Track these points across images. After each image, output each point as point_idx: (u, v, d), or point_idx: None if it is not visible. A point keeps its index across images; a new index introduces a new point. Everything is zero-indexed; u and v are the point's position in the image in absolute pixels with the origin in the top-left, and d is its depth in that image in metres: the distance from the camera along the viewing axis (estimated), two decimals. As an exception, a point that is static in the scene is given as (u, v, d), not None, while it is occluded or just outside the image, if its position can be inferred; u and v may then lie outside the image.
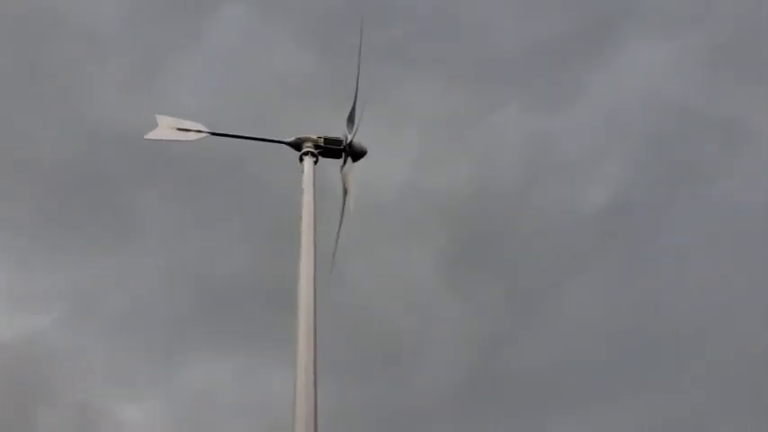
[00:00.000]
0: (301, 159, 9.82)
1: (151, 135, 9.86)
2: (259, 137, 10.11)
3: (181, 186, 25.48)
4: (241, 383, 24.37)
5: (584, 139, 24.88)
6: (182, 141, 9.91)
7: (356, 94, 10.37)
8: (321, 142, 10.03)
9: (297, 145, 10.00)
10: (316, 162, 9.81)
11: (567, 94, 25.80)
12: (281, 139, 10.07)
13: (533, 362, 20.93)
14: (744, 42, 25.28)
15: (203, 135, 10.04)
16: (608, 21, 26.81)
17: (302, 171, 9.60)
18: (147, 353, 24.91)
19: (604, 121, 25.65)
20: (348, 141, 10.20)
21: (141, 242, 26.53)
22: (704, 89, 25.69)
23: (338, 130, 10.41)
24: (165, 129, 9.92)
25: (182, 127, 10.01)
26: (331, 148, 10.13)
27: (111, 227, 26.43)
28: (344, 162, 10.30)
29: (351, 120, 10.37)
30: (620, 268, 23.13)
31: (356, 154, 10.25)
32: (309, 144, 9.95)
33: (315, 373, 6.96)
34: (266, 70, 25.13)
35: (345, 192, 10.19)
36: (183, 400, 24.61)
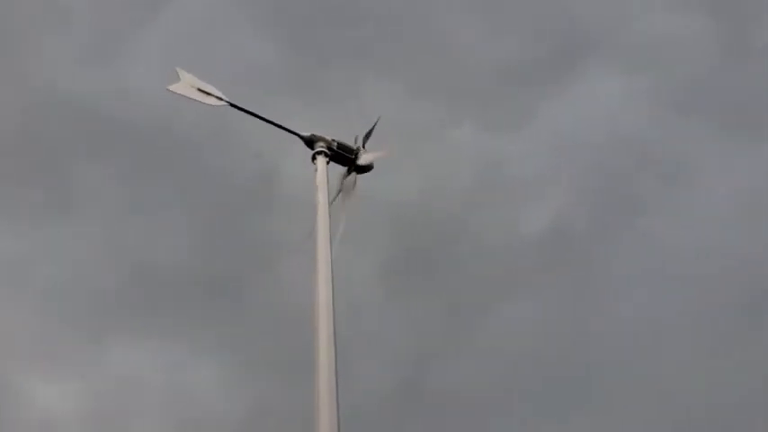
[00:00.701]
0: (314, 158, 9.62)
1: (173, 88, 9.62)
2: (276, 121, 9.83)
3: (130, 165, 24.67)
4: (167, 373, 23.48)
5: (533, 163, 25.69)
6: (201, 103, 9.57)
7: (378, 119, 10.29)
8: (334, 146, 9.95)
9: (310, 141, 9.81)
10: (328, 162, 9.64)
11: (523, 118, 26.67)
12: (296, 131, 9.86)
13: (463, 379, 21.04)
14: (696, 88, 26.94)
15: (222, 104, 9.74)
16: (571, 51, 27.96)
17: (315, 170, 9.44)
18: (73, 332, 23.64)
19: (554, 148, 26.76)
20: (359, 152, 10.08)
21: (81, 217, 25.31)
22: (654, 128, 27.30)
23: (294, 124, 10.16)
24: (187, 85, 9.59)
25: (203, 89, 9.70)
26: (341, 154, 10.00)
27: (51, 198, 25.16)
28: (349, 171, 10.17)
29: (368, 135, 10.25)
30: (556, 293, 23.92)
31: (364, 167, 10.13)
32: (323, 144, 9.87)
33: (336, 381, 6.71)
34: (225, 55, 24.71)
35: (338, 194, 10.03)
36: (104, 384, 23.42)
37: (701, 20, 28.01)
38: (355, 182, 10.18)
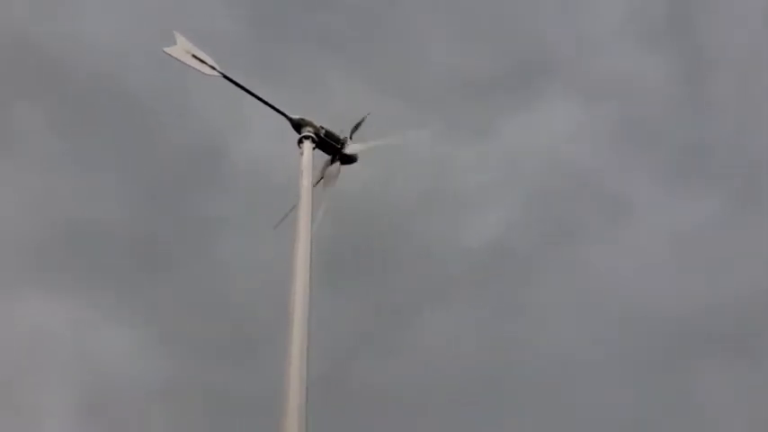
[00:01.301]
0: (300, 142, 9.58)
1: (169, 50, 9.47)
2: (266, 100, 9.75)
3: (74, 113, 23.94)
4: (79, 334, 22.77)
5: (483, 176, 25.89)
6: (195, 70, 9.44)
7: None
8: (322, 133, 9.91)
9: (298, 125, 9.77)
10: (314, 148, 9.61)
11: (480, 130, 26.87)
12: (285, 112, 9.80)
13: (388, 378, 21.17)
14: (651, 129, 27.95)
15: (215, 74, 9.63)
16: (539, 72, 28.53)
17: (301, 153, 9.39)
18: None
19: (506, 165, 27.15)
20: (346, 142, 10.07)
21: (13, 160, 24.44)
22: (605, 160, 27.90)
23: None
24: (182, 50, 9.46)
25: (197, 55, 9.57)
26: (327, 142, 9.97)
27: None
28: (333, 160, 10.15)
29: (356, 128, 10.25)
30: (487, 305, 24.18)
31: (348, 158, 10.13)
32: (310, 129, 9.82)
33: (307, 357, 6.70)
34: (188, 14, 24.26)
35: (320, 181, 10.02)
36: (9, 338, 22.52)
37: (668, 64, 28.97)
38: (338, 171, 10.18)
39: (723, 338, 23.94)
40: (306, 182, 8.88)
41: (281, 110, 9.79)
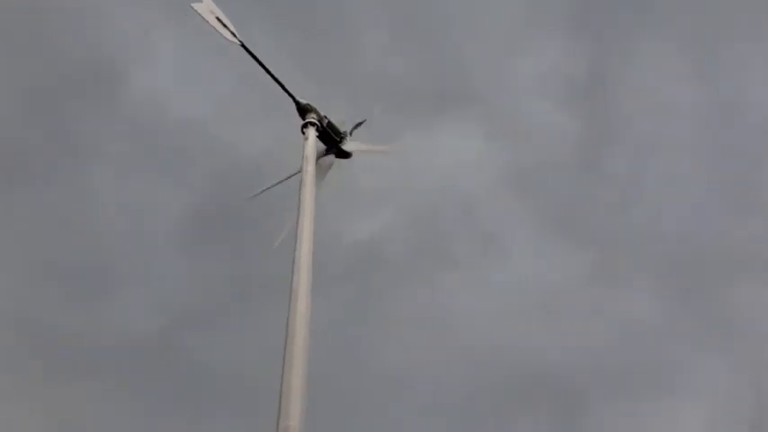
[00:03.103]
0: (304, 127, 9.53)
1: (196, 6, 9.31)
2: (279, 79, 9.65)
3: None
4: None
5: (377, 180, 25.95)
6: (217, 31, 9.28)
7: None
8: (324, 122, 9.90)
9: (303, 110, 9.70)
10: (318, 136, 9.57)
11: (386, 137, 26.86)
12: (294, 95, 9.71)
13: (206, 359, 20.84)
14: (538, 177, 28.67)
15: (235, 41, 9.50)
16: (452, 99, 28.75)
17: (305, 139, 9.31)
18: None
19: (401, 176, 26.86)
20: (346, 136, 10.05)
21: None
22: (489, 195, 28.55)
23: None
24: (207, 10, 9.34)
25: (221, 19, 9.43)
26: (328, 133, 9.92)
27: None
28: (328, 152, 10.12)
29: (358, 125, 10.24)
30: (343, 303, 23.98)
31: (344, 153, 10.12)
32: (314, 116, 9.77)
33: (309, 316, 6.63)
34: None
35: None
36: None
37: (575, 126, 29.99)
38: (331, 164, 10.12)
39: (547, 395, 24.65)
40: (310, 167, 8.81)
41: (291, 92, 9.70)
